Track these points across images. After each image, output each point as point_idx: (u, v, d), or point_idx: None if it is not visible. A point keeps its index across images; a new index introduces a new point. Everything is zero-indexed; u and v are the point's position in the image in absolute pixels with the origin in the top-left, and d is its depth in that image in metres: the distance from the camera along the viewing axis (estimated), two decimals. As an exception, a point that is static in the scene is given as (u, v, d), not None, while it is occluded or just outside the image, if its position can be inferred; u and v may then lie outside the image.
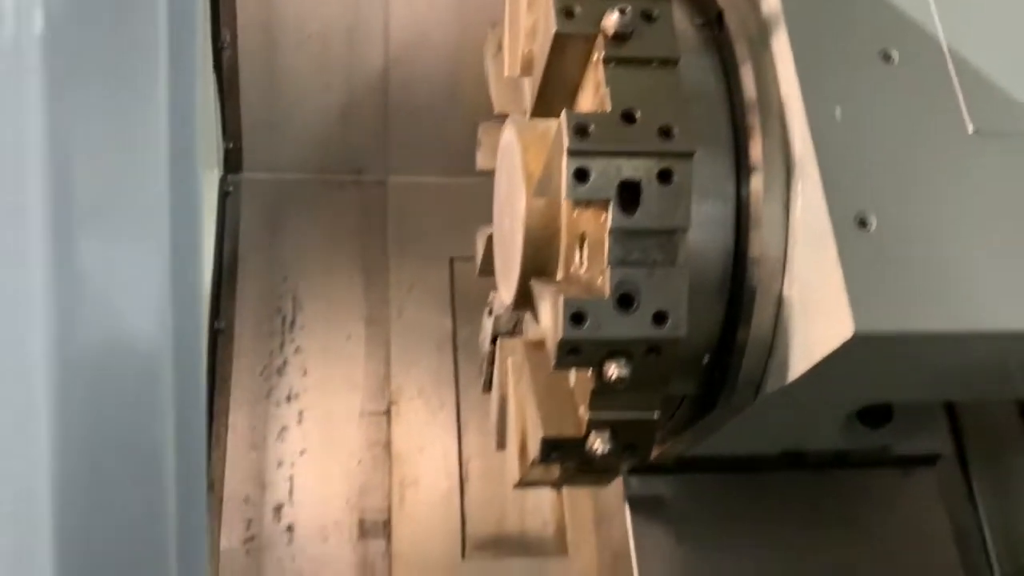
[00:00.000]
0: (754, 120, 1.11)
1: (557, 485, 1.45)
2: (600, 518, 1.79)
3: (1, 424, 0.83)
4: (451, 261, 1.96)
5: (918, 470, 1.74)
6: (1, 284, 0.83)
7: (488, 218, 1.52)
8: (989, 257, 1.03)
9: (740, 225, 1.11)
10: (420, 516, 1.75)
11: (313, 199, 1.98)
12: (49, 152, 0.82)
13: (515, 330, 1.56)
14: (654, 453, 1.49)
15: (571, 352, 1.05)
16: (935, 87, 1.10)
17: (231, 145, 1.93)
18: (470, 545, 1.74)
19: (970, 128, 1.09)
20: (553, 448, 1.19)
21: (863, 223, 1.01)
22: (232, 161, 1.95)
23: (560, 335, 1.03)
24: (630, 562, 1.64)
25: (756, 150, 1.10)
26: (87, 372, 0.86)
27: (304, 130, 1.98)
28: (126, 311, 0.88)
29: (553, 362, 1.07)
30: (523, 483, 1.40)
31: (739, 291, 1.13)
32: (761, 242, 1.09)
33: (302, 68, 1.91)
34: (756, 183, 1.09)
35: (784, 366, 1.10)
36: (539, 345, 1.32)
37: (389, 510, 1.74)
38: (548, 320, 1.10)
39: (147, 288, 0.88)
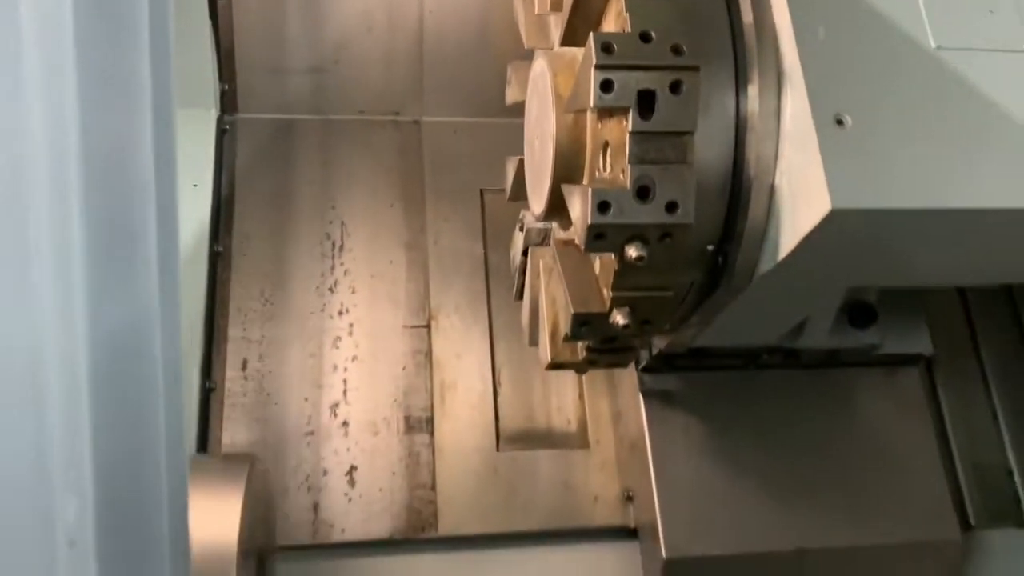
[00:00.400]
0: (751, 41, 1.30)
1: (582, 367, 1.65)
2: (617, 415, 2.00)
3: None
4: (481, 193, 2.16)
5: (903, 369, 1.94)
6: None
7: (514, 151, 1.71)
8: (944, 148, 1.22)
9: (739, 129, 1.30)
10: (458, 414, 1.96)
11: (358, 138, 2.19)
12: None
13: (543, 242, 1.76)
14: (665, 342, 1.71)
15: (598, 236, 1.24)
16: (903, 9, 1.29)
17: (226, 87, 2.13)
18: (503, 439, 1.95)
19: (932, 44, 1.29)
20: (582, 323, 1.39)
21: (840, 122, 1.21)
22: (228, 103, 2.14)
23: (589, 220, 1.22)
24: (645, 449, 1.85)
25: (752, 66, 1.29)
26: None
27: (349, 74, 2.19)
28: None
29: (583, 247, 1.27)
30: (553, 364, 1.60)
31: (738, 186, 1.32)
32: (756, 142, 1.28)
33: (349, 15, 2.12)
34: (752, 93, 1.29)
35: (776, 247, 1.30)
36: (568, 243, 1.53)
37: (431, 409, 1.96)
38: (578, 211, 1.30)
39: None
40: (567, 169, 1.39)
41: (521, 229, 1.78)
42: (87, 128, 0.80)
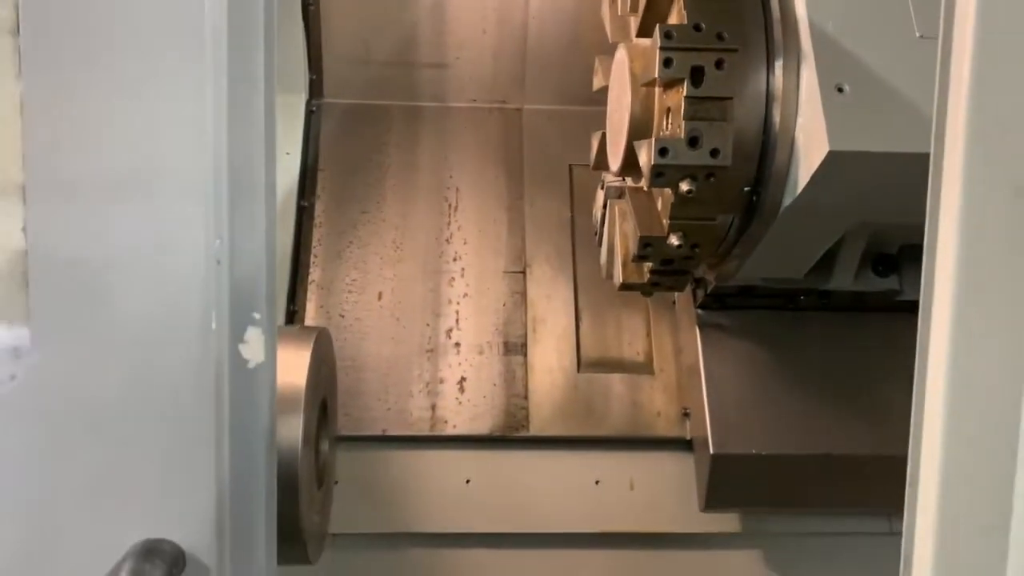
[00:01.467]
0: (778, 31, 1.72)
1: (647, 289, 2.05)
2: (679, 348, 2.40)
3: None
4: (570, 167, 2.61)
5: None
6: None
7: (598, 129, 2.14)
8: (916, 112, 1.61)
9: (769, 97, 1.73)
10: (547, 343, 2.40)
11: (471, 122, 2.67)
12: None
13: (619, 196, 2.20)
14: (713, 274, 2.11)
15: (659, 175, 1.68)
16: (895, 6, 1.68)
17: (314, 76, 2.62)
18: (583, 364, 2.39)
19: (917, 33, 1.68)
20: (646, 244, 1.82)
21: (840, 89, 1.62)
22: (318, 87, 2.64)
23: (653, 162, 1.66)
24: (699, 371, 2.24)
25: (779, 50, 1.72)
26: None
27: (465, 69, 2.70)
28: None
29: (648, 184, 1.71)
30: (624, 285, 2.03)
31: (768, 141, 1.74)
32: (781, 107, 1.71)
33: (469, 20, 2.63)
34: (778, 70, 1.71)
35: (795, 186, 1.71)
36: (638, 190, 1.96)
37: (525, 337, 2.41)
38: (645, 158, 1.73)
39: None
40: (638, 131, 1.83)
41: (602, 188, 2.22)
42: (232, 112, 1.03)
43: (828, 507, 2.28)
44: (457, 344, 2.39)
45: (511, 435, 2.30)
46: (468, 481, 2.28)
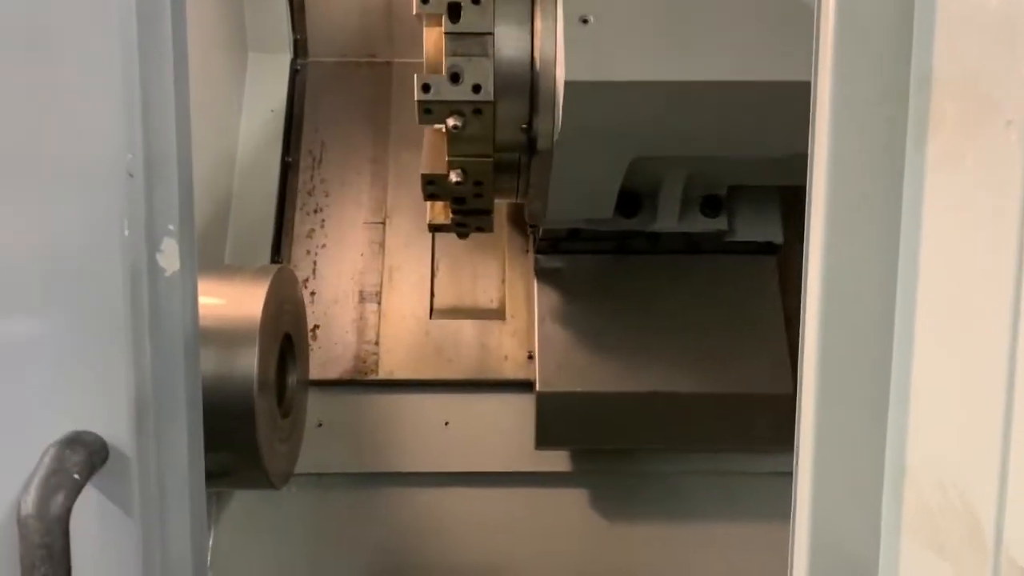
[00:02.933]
0: None
1: (455, 229, 2.13)
2: (528, 295, 2.55)
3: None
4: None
5: (759, 257, 2.31)
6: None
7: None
8: (659, 40, 1.65)
9: (532, 34, 1.76)
10: (402, 290, 2.49)
11: (340, 75, 2.72)
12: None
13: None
14: (527, 211, 2.19)
15: (426, 111, 1.74)
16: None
17: (298, 36, 2.71)
18: (436, 311, 2.50)
19: None
20: (428, 182, 1.90)
21: (585, 20, 1.65)
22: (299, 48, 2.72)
23: (416, 97, 1.72)
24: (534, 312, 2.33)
25: None
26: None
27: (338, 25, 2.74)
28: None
29: (418, 119, 1.76)
30: (432, 225, 2.12)
31: (536, 77, 1.77)
32: (542, 43, 1.75)
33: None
34: (539, 8, 1.75)
35: (558, 119, 1.73)
36: (436, 131, 1.97)
37: (381, 285, 2.50)
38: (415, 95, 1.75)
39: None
40: (432, 71, 1.83)
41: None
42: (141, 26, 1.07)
43: (656, 446, 2.34)
44: (313, 293, 2.47)
45: (360, 378, 2.41)
46: (320, 424, 2.37)
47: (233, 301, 1.69)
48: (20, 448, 0.97)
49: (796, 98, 1.58)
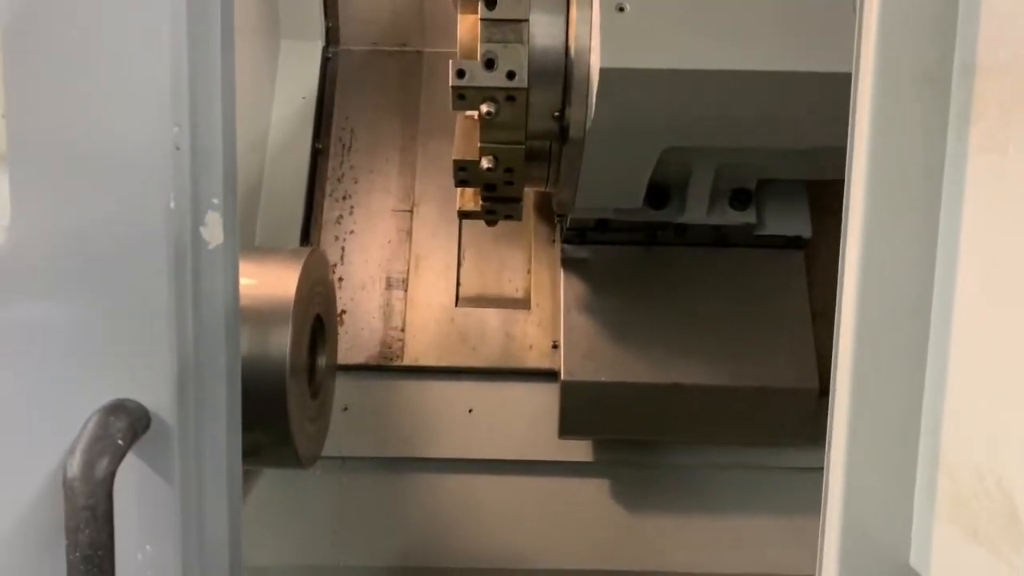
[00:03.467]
0: None
1: (485, 217, 2.12)
2: (554, 285, 2.56)
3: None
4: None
5: (786, 252, 2.29)
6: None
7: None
8: (696, 28, 1.65)
9: (568, 22, 1.76)
10: (428, 277, 2.51)
11: (371, 64, 2.74)
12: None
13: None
14: (555, 203, 2.20)
15: (460, 97, 1.75)
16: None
17: (330, 24, 2.72)
18: (461, 299, 2.52)
19: None
20: (460, 168, 1.91)
21: (621, 9, 1.65)
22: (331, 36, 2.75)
23: (451, 83, 1.73)
24: (559, 307, 2.33)
25: None
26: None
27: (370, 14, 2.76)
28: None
29: (452, 105, 1.77)
30: (461, 212, 2.12)
31: (569, 64, 1.77)
32: (576, 34, 1.75)
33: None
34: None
35: (591, 107, 1.74)
36: (468, 117, 1.97)
37: (408, 272, 2.52)
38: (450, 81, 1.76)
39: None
40: (467, 57, 1.84)
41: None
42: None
43: (678, 438, 2.34)
44: (340, 279, 2.48)
45: (386, 364, 2.43)
46: (345, 408, 2.39)
47: (266, 282, 1.71)
48: (64, 414, 0.99)
49: (833, 89, 1.61)
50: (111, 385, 1.00)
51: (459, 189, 2.14)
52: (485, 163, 1.85)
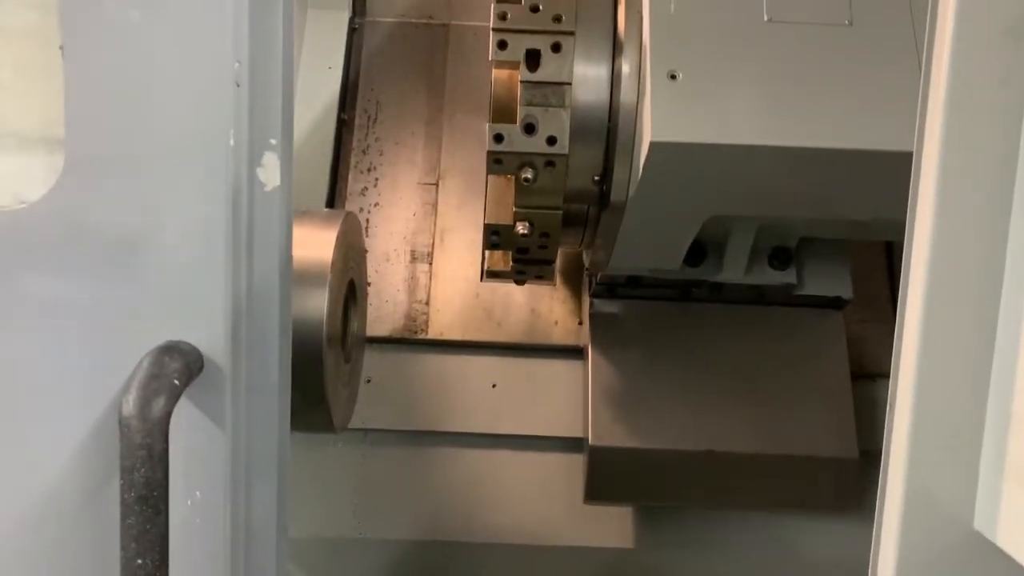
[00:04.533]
0: (622, 15, 1.68)
1: (516, 278, 2.05)
2: (579, 263, 2.42)
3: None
4: (491, 82, 2.68)
5: (826, 311, 2.18)
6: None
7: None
8: (746, 100, 1.58)
9: (613, 86, 1.68)
10: (453, 252, 2.48)
11: (397, 36, 2.71)
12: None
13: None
14: (587, 260, 2.11)
15: (497, 162, 1.67)
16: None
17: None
18: (487, 273, 2.50)
19: (766, 16, 1.63)
20: (493, 232, 1.82)
21: (673, 76, 1.58)
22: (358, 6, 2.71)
23: (488, 148, 1.66)
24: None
25: (623, 33, 1.67)
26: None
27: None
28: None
29: (487, 171, 1.70)
30: (489, 273, 2.04)
31: (613, 130, 1.69)
32: (623, 96, 1.67)
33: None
34: (622, 58, 1.67)
35: (637, 175, 1.67)
36: (500, 177, 1.87)
37: (432, 246, 2.50)
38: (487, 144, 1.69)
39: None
40: (502, 115, 1.78)
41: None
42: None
43: (712, 507, 2.25)
44: (365, 251, 2.45)
45: (410, 337, 2.40)
46: (368, 380, 2.37)
47: (303, 243, 1.68)
48: (118, 354, 0.97)
49: (888, 167, 1.55)
50: (164, 326, 0.98)
51: (487, 251, 2.05)
52: (520, 228, 1.78)
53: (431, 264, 2.48)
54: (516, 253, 1.92)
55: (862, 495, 2.10)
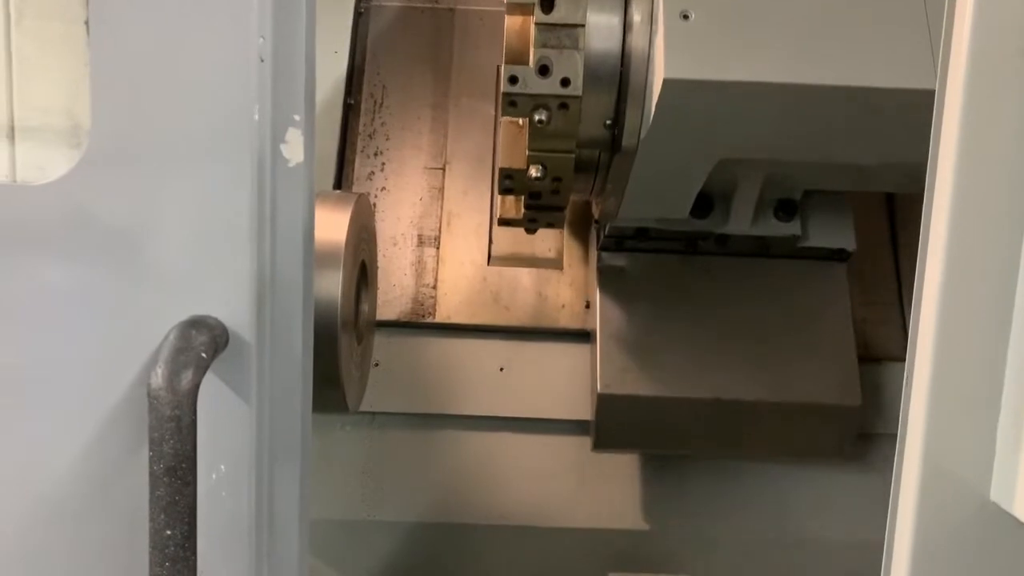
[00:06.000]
0: None
1: (525, 224, 2.08)
2: (585, 246, 2.44)
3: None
4: (498, 68, 2.54)
5: (829, 264, 2.22)
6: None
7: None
8: (759, 38, 1.59)
9: (625, 28, 1.71)
10: (460, 235, 2.48)
11: (403, 20, 2.71)
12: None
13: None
14: (596, 210, 2.15)
15: (511, 104, 1.68)
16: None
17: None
18: (494, 256, 2.49)
19: None
20: (506, 176, 1.85)
21: (685, 16, 1.60)
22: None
23: (503, 90, 1.68)
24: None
25: None
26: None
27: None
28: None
29: (501, 112, 1.72)
30: (502, 220, 2.07)
31: (625, 73, 1.71)
32: (635, 38, 1.70)
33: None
34: (632, 8, 1.69)
35: (648, 116, 1.69)
36: (513, 122, 1.93)
37: (439, 230, 2.50)
38: (501, 87, 1.71)
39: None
40: (514, 60, 1.78)
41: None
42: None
43: (717, 454, 2.29)
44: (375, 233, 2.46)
45: (418, 321, 2.41)
46: (376, 364, 2.37)
47: (317, 225, 1.68)
48: (144, 329, 0.97)
49: (904, 106, 1.55)
50: (190, 300, 0.99)
51: (500, 197, 2.09)
52: (533, 172, 1.80)
53: (438, 248, 2.49)
54: (528, 199, 1.95)
55: (866, 445, 2.19)
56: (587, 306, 2.42)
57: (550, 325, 2.43)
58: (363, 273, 1.92)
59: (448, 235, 2.51)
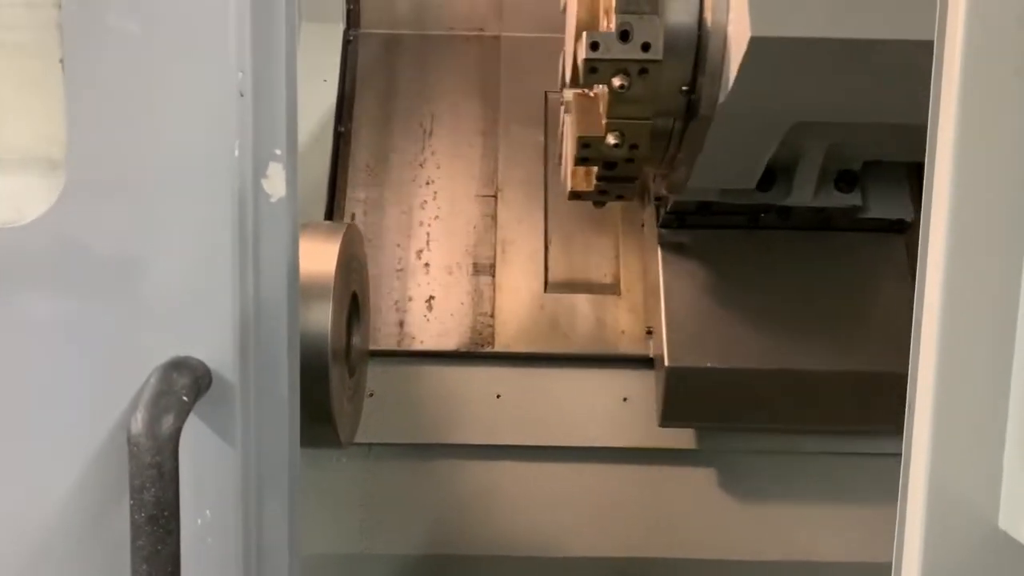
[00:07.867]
0: None
1: (596, 197, 2.07)
2: (645, 269, 2.44)
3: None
4: (545, 94, 2.61)
5: (888, 236, 2.26)
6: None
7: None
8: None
9: (703, 4, 1.71)
10: (515, 263, 2.44)
11: (446, 48, 2.71)
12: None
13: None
14: (665, 184, 2.13)
15: (592, 71, 1.68)
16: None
17: (351, 6, 2.69)
18: (550, 284, 2.44)
19: None
20: (584, 144, 1.84)
21: None
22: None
23: (584, 55, 1.67)
24: (659, 287, 2.23)
25: None
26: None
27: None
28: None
29: (582, 79, 1.71)
30: (573, 193, 2.05)
31: (703, 38, 1.71)
32: (713, 5, 1.70)
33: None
34: None
35: (728, 81, 1.68)
36: (583, 95, 1.94)
37: (494, 258, 2.46)
38: (581, 54, 1.71)
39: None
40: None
41: (566, 111, 2.27)
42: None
43: (785, 424, 2.26)
44: (427, 264, 2.44)
45: (476, 351, 2.37)
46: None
47: (305, 257, 1.65)
48: (125, 371, 0.96)
49: None
50: (171, 342, 0.97)
51: (570, 170, 2.08)
52: (611, 139, 1.79)
53: (494, 276, 2.45)
54: (603, 169, 1.95)
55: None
56: (648, 332, 2.35)
57: (611, 352, 2.36)
58: (355, 304, 1.88)
59: (503, 263, 2.47)
